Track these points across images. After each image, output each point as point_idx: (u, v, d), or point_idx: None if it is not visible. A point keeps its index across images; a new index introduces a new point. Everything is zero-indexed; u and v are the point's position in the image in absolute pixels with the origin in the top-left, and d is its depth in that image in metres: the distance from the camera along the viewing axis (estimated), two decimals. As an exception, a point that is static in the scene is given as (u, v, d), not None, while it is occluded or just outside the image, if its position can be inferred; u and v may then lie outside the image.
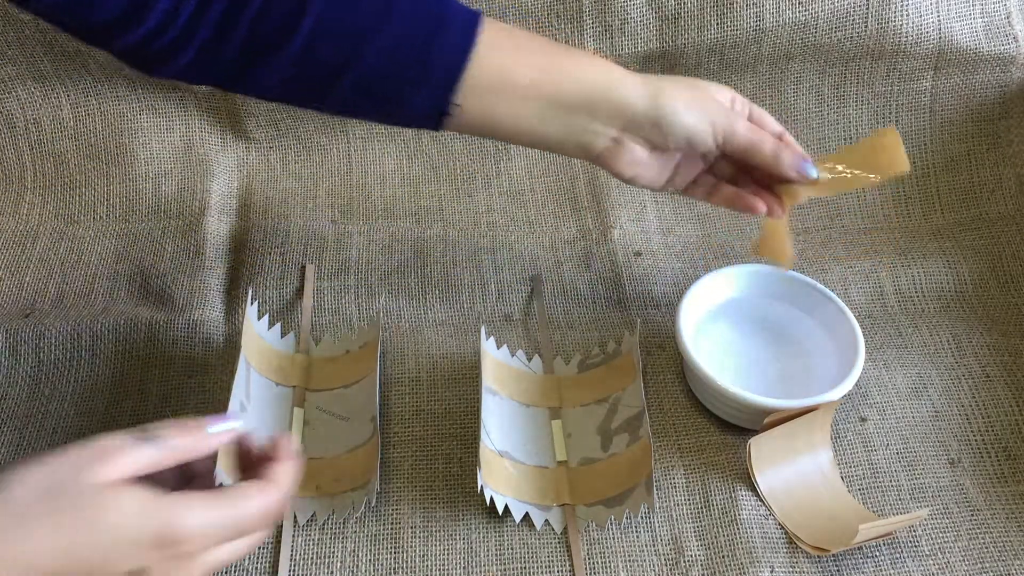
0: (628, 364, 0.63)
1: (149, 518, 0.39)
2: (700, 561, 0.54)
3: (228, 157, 0.79)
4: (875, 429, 0.61)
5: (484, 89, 0.51)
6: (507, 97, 0.52)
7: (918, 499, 0.58)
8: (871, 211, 0.77)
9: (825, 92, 0.78)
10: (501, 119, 0.52)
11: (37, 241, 0.74)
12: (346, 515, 0.56)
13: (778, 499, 0.57)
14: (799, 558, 0.54)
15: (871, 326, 0.68)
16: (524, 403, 0.63)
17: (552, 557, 0.55)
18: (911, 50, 0.75)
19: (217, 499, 0.41)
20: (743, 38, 0.74)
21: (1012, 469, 0.59)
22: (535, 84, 0.52)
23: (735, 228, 0.77)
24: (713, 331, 0.65)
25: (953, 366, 0.65)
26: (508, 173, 0.80)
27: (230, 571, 0.54)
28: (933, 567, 0.54)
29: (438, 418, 0.62)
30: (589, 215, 0.78)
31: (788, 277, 0.66)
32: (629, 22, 0.73)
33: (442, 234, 0.76)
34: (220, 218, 0.76)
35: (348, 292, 0.71)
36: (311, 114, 0.78)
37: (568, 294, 0.72)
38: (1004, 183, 0.76)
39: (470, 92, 0.51)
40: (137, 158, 0.76)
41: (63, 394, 0.63)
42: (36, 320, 0.67)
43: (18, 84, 0.74)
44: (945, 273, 0.72)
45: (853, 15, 0.73)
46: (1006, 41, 0.75)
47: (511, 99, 0.52)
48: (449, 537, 0.55)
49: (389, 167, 0.80)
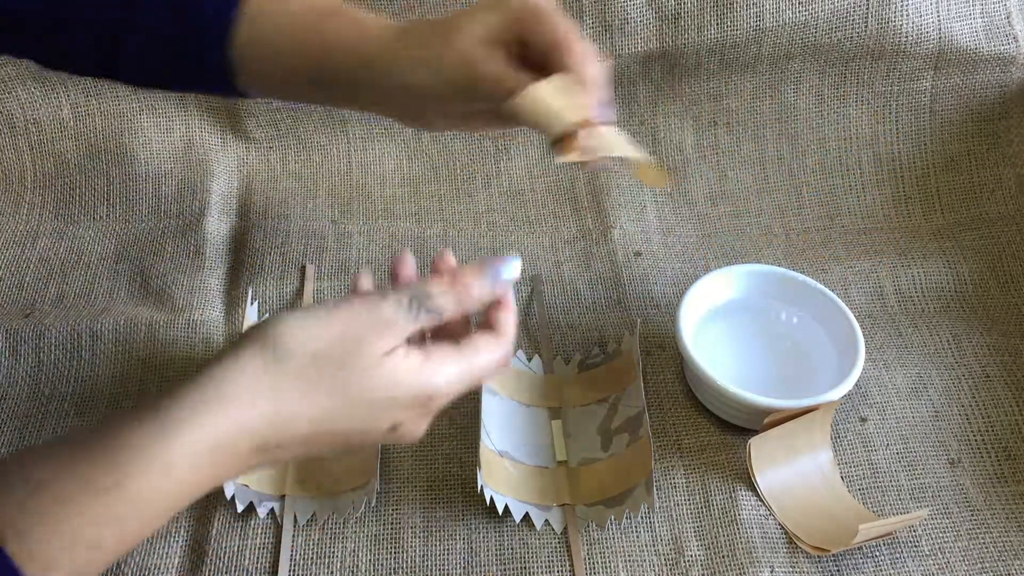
0: (628, 364, 0.63)
1: (415, 382, 0.42)
2: (700, 561, 0.54)
3: (228, 157, 0.79)
4: (875, 429, 0.61)
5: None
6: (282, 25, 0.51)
7: (918, 499, 0.58)
8: (871, 211, 0.77)
9: (825, 92, 0.78)
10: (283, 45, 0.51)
11: (37, 241, 0.74)
12: (346, 515, 0.56)
13: (778, 499, 0.57)
14: (799, 558, 0.54)
15: (871, 326, 0.68)
16: (524, 403, 0.63)
17: (552, 557, 0.55)
18: (911, 50, 0.75)
19: (459, 354, 0.44)
20: (743, 38, 0.74)
21: (1012, 469, 0.59)
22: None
23: (735, 228, 0.77)
24: (713, 331, 0.65)
25: (953, 366, 0.65)
26: (508, 173, 0.80)
27: (229, 571, 0.54)
28: (933, 567, 0.54)
29: (438, 418, 0.62)
30: (589, 215, 0.78)
31: (788, 277, 0.66)
32: (629, 22, 0.73)
33: (442, 234, 0.76)
34: (220, 218, 0.76)
35: (348, 292, 0.71)
36: (311, 114, 0.78)
37: (568, 294, 0.72)
38: (1004, 183, 0.76)
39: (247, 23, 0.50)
40: (137, 158, 0.76)
41: (63, 394, 0.63)
42: (36, 320, 0.67)
43: (18, 84, 0.74)
44: (945, 273, 0.72)
45: (853, 15, 0.73)
46: (1006, 41, 0.75)
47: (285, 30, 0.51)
48: (449, 537, 0.55)
49: (389, 167, 0.80)
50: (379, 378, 0.41)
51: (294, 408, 0.40)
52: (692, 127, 0.80)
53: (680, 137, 0.80)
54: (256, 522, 0.56)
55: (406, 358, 0.42)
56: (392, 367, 0.42)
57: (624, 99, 0.79)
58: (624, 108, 0.79)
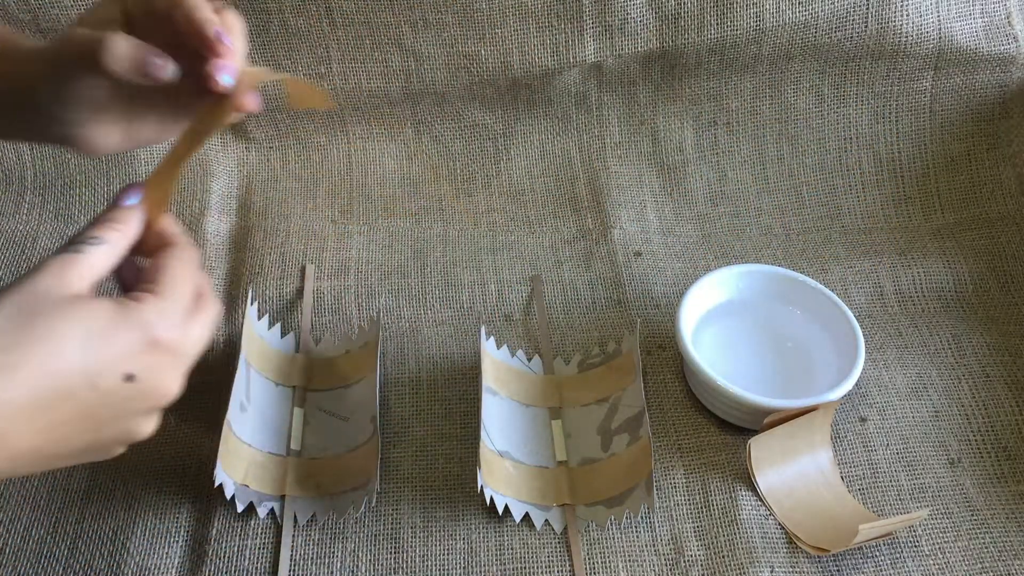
0: (628, 364, 0.63)
1: (119, 317, 0.38)
2: (700, 561, 0.54)
3: (228, 157, 0.79)
4: (875, 429, 0.61)
5: None
6: None
7: (918, 499, 0.58)
8: (871, 211, 0.77)
9: (825, 92, 0.78)
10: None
11: (37, 241, 0.74)
12: (346, 515, 0.56)
13: (778, 499, 0.57)
14: (799, 558, 0.54)
15: (871, 326, 0.68)
16: (524, 403, 0.63)
17: (552, 557, 0.55)
18: (911, 50, 0.75)
19: (157, 285, 0.40)
20: (743, 38, 0.74)
21: (1012, 469, 0.59)
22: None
23: (735, 228, 0.77)
24: (713, 331, 0.65)
25: (953, 366, 0.65)
26: (508, 173, 0.80)
27: (230, 571, 0.54)
28: (933, 567, 0.54)
29: (438, 418, 0.62)
30: (589, 215, 0.78)
31: (788, 277, 0.66)
32: (629, 22, 0.73)
33: (442, 234, 0.76)
34: (220, 218, 0.76)
35: (348, 292, 0.71)
36: (311, 114, 0.78)
37: (568, 294, 0.72)
38: (1004, 183, 0.76)
39: None
40: (137, 158, 0.76)
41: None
42: (36, 320, 0.67)
43: (18, 84, 0.74)
44: (945, 273, 0.72)
45: (853, 15, 0.73)
46: (1006, 41, 0.75)
47: None
48: (449, 537, 0.55)
49: (389, 167, 0.80)
50: (74, 317, 0.37)
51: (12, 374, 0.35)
52: (692, 127, 0.80)
53: (680, 137, 0.80)
54: (256, 522, 0.56)
55: (96, 299, 0.38)
56: (82, 303, 0.37)
57: (624, 99, 0.79)
58: (624, 108, 0.80)
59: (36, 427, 0.36)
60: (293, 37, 0.73)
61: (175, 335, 0.40)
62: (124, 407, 0.39)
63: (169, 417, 0.59)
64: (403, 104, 0.78)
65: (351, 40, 0.73)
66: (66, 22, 0.69)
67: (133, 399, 0.39)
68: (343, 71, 0.75)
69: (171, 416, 0.62)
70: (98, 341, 0.37)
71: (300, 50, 0.73)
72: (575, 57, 0.74)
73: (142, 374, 0.39)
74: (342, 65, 0.74)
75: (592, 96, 0.79)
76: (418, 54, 0.74)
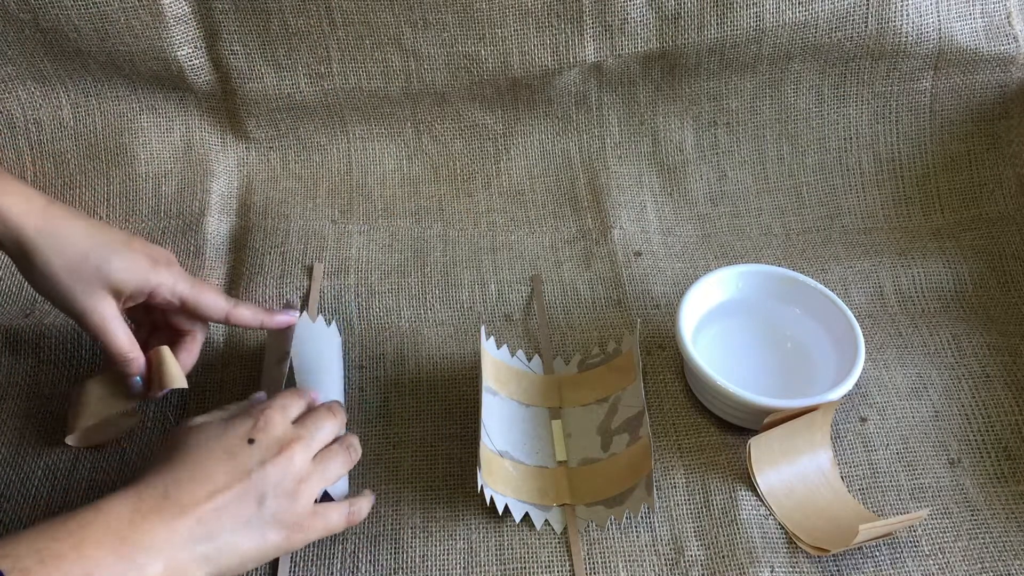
0: (628, 364, 0.63)
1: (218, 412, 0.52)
2: (700, 561, 0.54)
3: (228, 157, 0.79)
4: (875, 429, 0.61)
5: None
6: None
7: (918, 499, 0.58)
8: (871, 211, 0.77)
9: (825, 92, 0.78)
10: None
11: (37, 241, 0.74)
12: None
13: (778, 499, 0.57)
14: (799, 558, 0.54)
15: (871, 326, 0.68)
16: (524, 403, 0.63)
17: (552, 557, 0.55)
18: (911, 50, 0.75)
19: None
20: (743, 38, 0.74)
21: (1012, 469, 0.59)
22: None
23: (735, 228, 0.77)
24: (713, 331, 0.65)
25: (953, 366, 0.65)
26: (508, 173, 0.80)
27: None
28: (933, 567, 0.54)
29: (438, 418, 0.62)
30: (589, 215, 0.78)
31: (788, 277, 0.66)
32: (629, 22, 0.73)
33: (442, 234, 0.76)
34: (220, 218, 0.76)
35: (348, 292, 0.71)
36: (311, 114, 0.78)
37: (568, 294, 0.72)
38: (1004, 183, 0.76)
39: None
40: (137, 158, 0.76)
41: (63, 394, 0.63)
42: (36, 320, 0.67)
43: (18, 84, 0.74)
44: (945, 273, 0.72)
45: (853, 15, 0.73)
46: (1006, 41, 0.75)
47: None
48: (449, 537, 0.55)
49: (389, 167, 0.80)
50: (188, 429, 0.49)
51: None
52: (692, 127, 0.80)
53: (680, 137, 0.80)
54: (256, 522, 0.56)
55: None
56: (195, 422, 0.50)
57: (624, 99, 0.79)
58: (624, 108, 0.80)
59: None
60: (293, 37, 0.73)
61: (272, 410, 0.51)
62: (243, 458, 0.48)
63: (172, 419, 0.59)
64: (403, 104, 0.78)
65: (351, 40, 0.73)
66: (66, 22, 0.69)
67: (257, 449, 0.49)
68: (343, 71, 0.75)
69: (172, 418, 0.62)
70: (214, 428, 0.50)
71: (300, 50, 0.73)
72: (575, 57, 0.74)
73: (259, 430, 0.49)
74: (342, 65, 0.74)
75: (592, 96, 0.79)
76: (418, 54, 0.74)
